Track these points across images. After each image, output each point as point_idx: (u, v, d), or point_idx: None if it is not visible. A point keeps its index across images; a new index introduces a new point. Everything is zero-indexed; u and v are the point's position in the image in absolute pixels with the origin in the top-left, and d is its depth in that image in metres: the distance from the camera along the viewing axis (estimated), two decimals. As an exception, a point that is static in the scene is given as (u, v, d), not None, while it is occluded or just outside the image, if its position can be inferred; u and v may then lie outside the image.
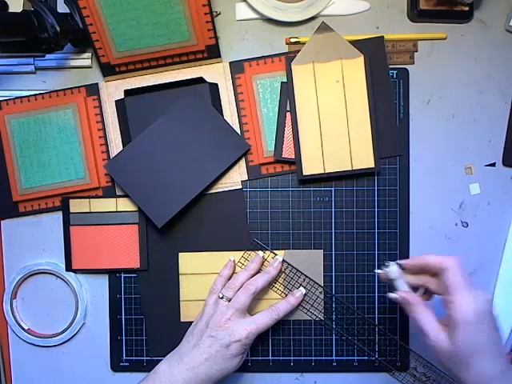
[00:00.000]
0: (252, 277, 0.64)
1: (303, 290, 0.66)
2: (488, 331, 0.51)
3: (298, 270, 0.66)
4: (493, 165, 0.68)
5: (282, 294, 0.67)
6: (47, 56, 0.67)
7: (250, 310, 0.64)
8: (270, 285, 0.66)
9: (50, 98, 0.67)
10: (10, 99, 0.67)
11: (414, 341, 0.67)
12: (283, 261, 0.66)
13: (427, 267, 0.55)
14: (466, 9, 0.66)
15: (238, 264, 0.67)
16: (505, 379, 0.50)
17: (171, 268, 0.67)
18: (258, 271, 0.65)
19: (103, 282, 0.68)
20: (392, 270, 0.56)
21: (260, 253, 0.66)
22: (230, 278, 0.65)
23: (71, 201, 0.67)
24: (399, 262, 0.57)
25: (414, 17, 0.67)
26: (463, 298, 0.51)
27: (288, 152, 0.65)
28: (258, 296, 0.65)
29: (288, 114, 0.65)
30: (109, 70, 0.66)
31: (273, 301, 0.66)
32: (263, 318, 0.62)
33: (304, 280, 0.67)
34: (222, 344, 0.59)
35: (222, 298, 0.62)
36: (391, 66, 0.67)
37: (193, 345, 0.60)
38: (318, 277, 0.67)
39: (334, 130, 0.65)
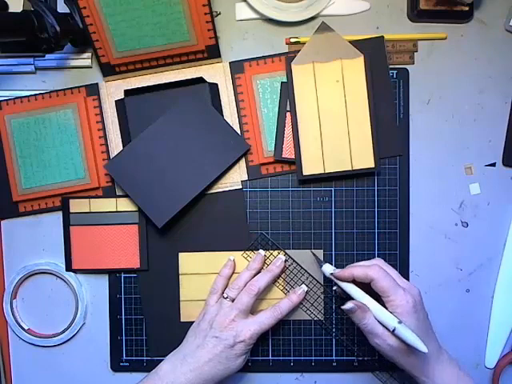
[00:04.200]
0: (255, 275, 0.64)
1: (305, 288, 0.66)
2: (423, 318, 0.57)
3: (302, 268, 0.66)
4: (493, 165, 0.68)
5: (284, 290, 0.67)
6: (47, 56, 0.67)
7: (252, 308, 0.63)
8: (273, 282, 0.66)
9: (50, 98, 0.67)
10: (9, 99, 0.67)
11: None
12: (286, 256, 0.66)
13: (357, 279, 0.59)
14: (466, 9, 0.66)
15: (244, 255, 0.67)
16: (439, 353, 0.58)
17: (171, 268, 0.67)
18: (261, 269, 0.65)
19: (103, 282, 0.68)
20: (326, 268, 0.62)
21: (261, 251, 0.66)
22: (230, 278, 0.66)
23: (71, 201, 0.67)
24: (332, 271, 0.62)
25: (413, 17, 0.67)
26: (398, 296, 0.56)
27: (288, 152, 0.65)
28: (260, 295, 0.65)
29: (288, 114, 0.65)
30: (109, 70, 0.66)
31: (273, 300, 0.66)
32: (266, 318, 0.62)
33: (307, 278, 0.67)
34: (226, 344, 0.59)
35: (227, 297, 0.62)
36: (391, 66, 0.67)
37: (196, 345, 0.60)
38: (318, 277, 0.67)
39: (333, 129, 0.65)
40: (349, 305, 0.57)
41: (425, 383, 0.57)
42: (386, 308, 0.56)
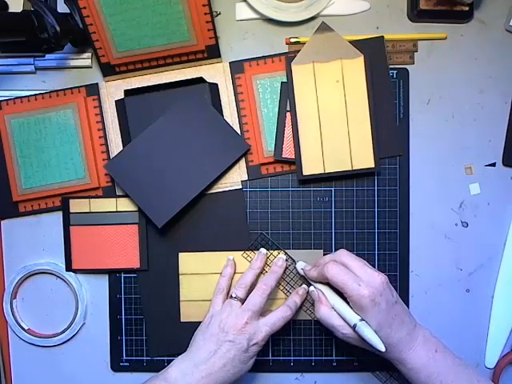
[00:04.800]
0: (258, 275, 0.64)
1: (306, 287, 0.66)
2: (386, 308, 0.56)
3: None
4: (493, 165, 0.68)
5: (284, 290, 0.67)
6: (47, 56, 0.67)
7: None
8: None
9: (50, 97, 0.67)
10: (9, 99, 0.67)
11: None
12: (287, 256, 0.66)
13: (319, 280, 0.61)
14: (466, 9, 0.66)
15: (244, 255, 0.67)
16: (411, 337, 0.57)
17: (171, 268, 0.67)
18: (264, 268, 0.65)
19: (103, 282, 0.68)
20: (299, 265, 0.65)
21: (263, 250, 0.66)
22: (233, 277, 0.65)
23: (71, 201, 0.67)
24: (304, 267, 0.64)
25: (413, 17, 0.67)
26: (353, 291, 0.56)
27: (288, 152, 0.65)
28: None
29: (288, 114, 0.65)
30: (109, 70, 0.66)
31: (274, 300, 0.66)
32: (278, 319, 0.61)
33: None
34: (239, 348, 0.58)
35: (235, 297, 0.61)
36: (391, 66, 0.67)
37: (208, 351, 0.59)
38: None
39: (333, 129, 0.65)
40: (311, 288, 0.62)
41: (398, 366, 0.58)
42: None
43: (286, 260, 0.66)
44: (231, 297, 0.62)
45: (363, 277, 0.56)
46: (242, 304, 0.61)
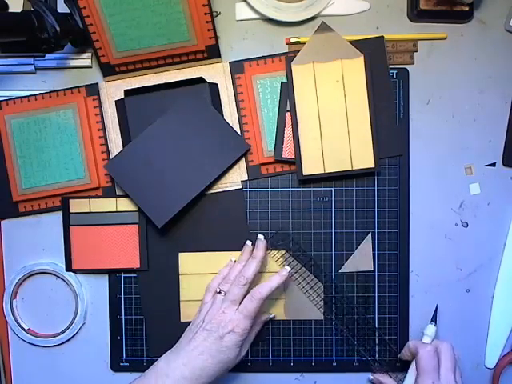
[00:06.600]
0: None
1: (288, 268, 0.63)
2: None
3: (302, 267, 0.66)
4: (493, 165, 0.68)
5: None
6: (47, 56, 0.67)
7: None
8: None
9: (50, 97, 0.67)
10: (10, 99, 0.67)
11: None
12: (287, 255, 0.66)
13: None
14: (466, 9, 0.66)
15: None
16: None
17: (171, 268, 0.67)
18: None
19: (103, 282, 0.68)
20: (429, 332, 0.63)
21: (248, 242, 0.65)
22: None
23: (71, 201, 0.67)
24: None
25: (413, 17, 0.67)
26: (424, 381, 0.59)
27: (288, 152, 0.66)
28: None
29: (288, 114, 0.65)
30: (109, 70, 0.66)
31: (274, 300, 0.66)
32: (247, 303, 0.60)
33: (308, 276, 0.67)
34: (215, 336, 0.59)
35: (220, 292, 0.62)
36: (391, 66, 0.67)
37: (188, 339, 0.60)
38: (318, 277, 0.67)
39: (333, 129, 0.65)
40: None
41: None
42: None
43: (286, 259, 0.66)
44: (218, 292, 0.62)
45: (442, 379, 0.59)
46: None
